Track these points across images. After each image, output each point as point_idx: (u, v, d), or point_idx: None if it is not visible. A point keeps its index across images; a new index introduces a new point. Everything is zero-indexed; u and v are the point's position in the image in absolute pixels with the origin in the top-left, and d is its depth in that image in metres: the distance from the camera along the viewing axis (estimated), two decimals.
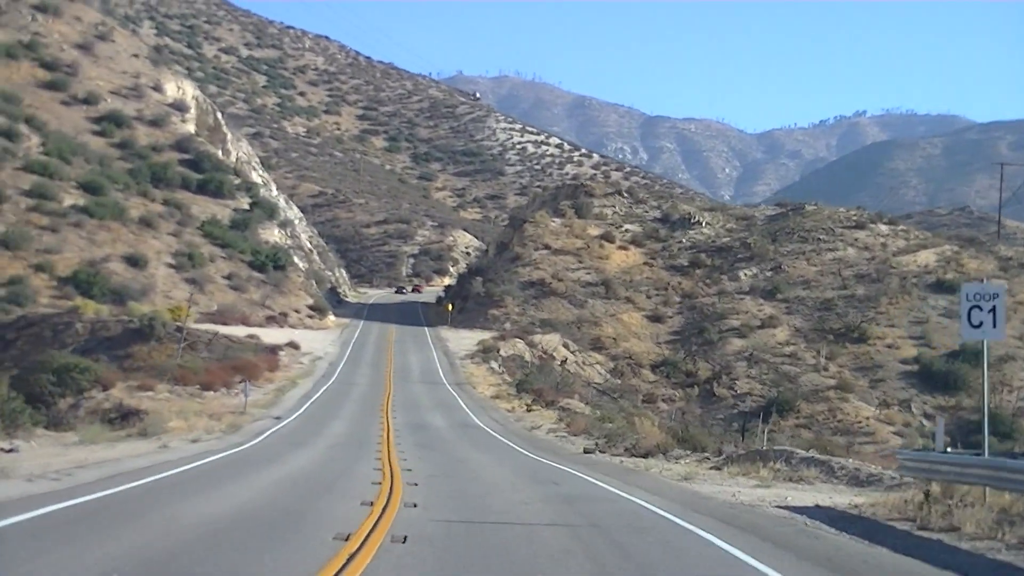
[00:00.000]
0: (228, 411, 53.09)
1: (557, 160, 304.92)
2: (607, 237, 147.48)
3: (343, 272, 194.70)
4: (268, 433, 44.49)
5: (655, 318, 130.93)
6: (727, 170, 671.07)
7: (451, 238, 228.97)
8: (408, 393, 72.98)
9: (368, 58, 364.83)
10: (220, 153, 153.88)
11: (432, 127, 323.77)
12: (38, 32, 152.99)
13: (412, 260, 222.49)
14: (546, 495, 24.20)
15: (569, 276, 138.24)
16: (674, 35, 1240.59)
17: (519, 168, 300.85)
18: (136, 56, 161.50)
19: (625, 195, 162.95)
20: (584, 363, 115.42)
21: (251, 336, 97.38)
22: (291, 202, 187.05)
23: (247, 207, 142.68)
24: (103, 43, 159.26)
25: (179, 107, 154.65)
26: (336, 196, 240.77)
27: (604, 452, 40.30)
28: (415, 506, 20.60)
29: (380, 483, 24.78)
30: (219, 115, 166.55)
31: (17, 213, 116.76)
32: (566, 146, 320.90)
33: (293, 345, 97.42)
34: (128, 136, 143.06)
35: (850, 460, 32.24)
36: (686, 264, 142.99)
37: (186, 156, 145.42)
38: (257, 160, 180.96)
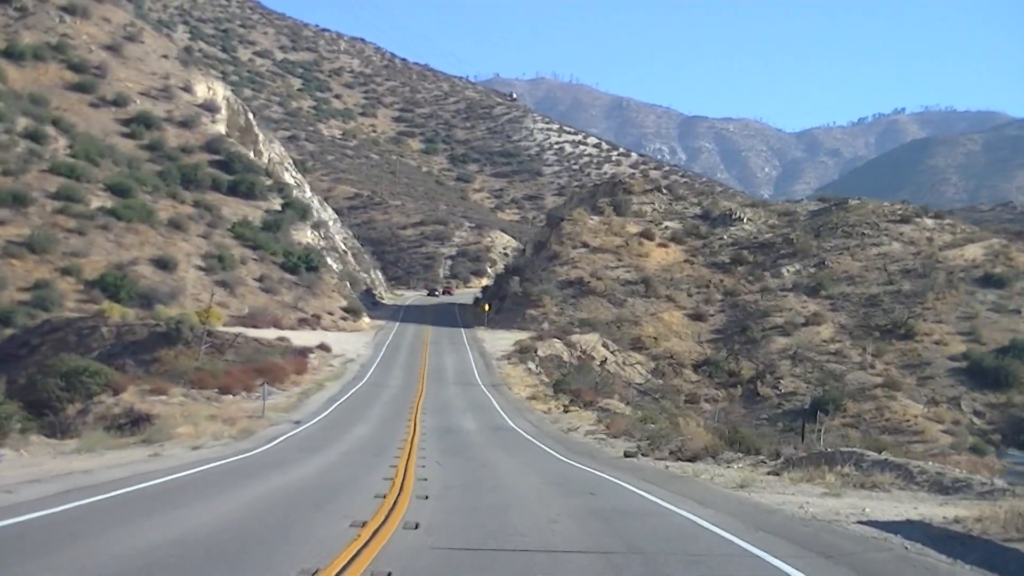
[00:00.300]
0: (245, 415, 49.43)
1: (595, 160, 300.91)
2: (647, 234, 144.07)
3: (379, 274, 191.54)
4: (282, 439, 40.90)
5: (696, 316, 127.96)
6: (766, 169, 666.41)
7: (489, 239, 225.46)
8: (441, 395, 69.59)
9: (404, 60, 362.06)
10: (252, 154, 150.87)
11: (469, 128, 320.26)
12: (66, 34, 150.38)
13: (449, 262, 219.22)
14: (579, 509, 20.40)
15: (608, 274, 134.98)
16: (712, 34, 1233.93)
17: (557, 168, 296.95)
18: (166, 57, 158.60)
19: (664, 192, 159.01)
20: (624, 363, 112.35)
21: (281, 339, 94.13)
22: (325, 204, 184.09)
23: (279, 208, 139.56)
24: (132, 44, 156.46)
25: (209, 108, 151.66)
26: (372, 198, 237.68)
27: (647, 456, 36.36)
28: (416, 527, 17.01)
29: (385, 496, 21.09)
30: (250, 116, 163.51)
31: (43, 216, 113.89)
32: (604, 145, 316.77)
33: (324, 347, 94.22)
34: (158, 138, 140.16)
35: (930, 463, 28.16)
36: (728, 261, 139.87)
37: (217, 157, 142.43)
38: (290, 161, 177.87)
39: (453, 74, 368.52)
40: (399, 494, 21.51)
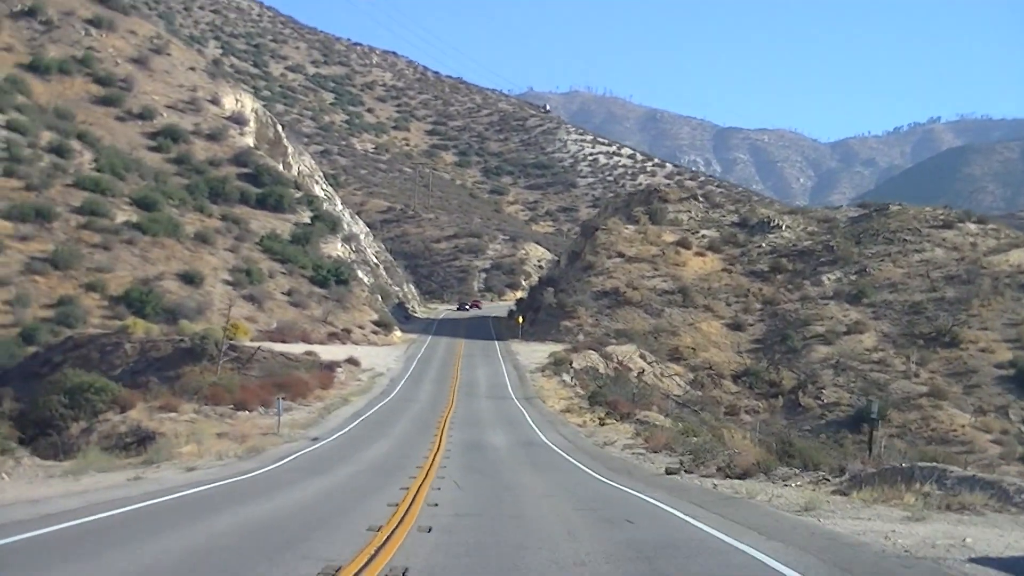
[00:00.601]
0: (259, 432, 45.96)
1: (630, 171, 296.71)
2: (683, 243, 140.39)
3: (412, 288, 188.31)
4: (291, 457, 37.33)
5: (735, 326, 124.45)
6: (801, 180, 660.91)
7: (523, 251, 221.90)
8: (471, 409, 66.17)
9: (436, 73, 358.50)
10: (280, 167, 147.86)
11: (502, 140, 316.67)
12: (92, 47, 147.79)
13: (484, 275, 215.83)
14: (614, 544, 16.54)
15: (644, 284, 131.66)
16: (746, 45, 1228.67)
17: (591, 180, 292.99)
18: (193, 69, 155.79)
19: (701, 200, 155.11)
20: (662, 374, 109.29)
21: (309, 353, 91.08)
22: (357, 217, 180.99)
23: (308, 221, 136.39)
24: (158, 57, 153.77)
25: (238, 120, 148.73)
26: (405, 211, 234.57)
27: (691, 472, 32.49)
28: (404, 574, 13.23)
29: (380, 528, 17.36)
30: (279, 128, 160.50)
31: (67, 231, 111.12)
32: (639, 156, 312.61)
33: (352, 361, 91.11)
34: (185, 151, 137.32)
35: None
36: (766, 269, 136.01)
37: (245, 170, 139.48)
38: (321, 174, 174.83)
39: (486, 86, 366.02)
40: (398, 525, 17.85)
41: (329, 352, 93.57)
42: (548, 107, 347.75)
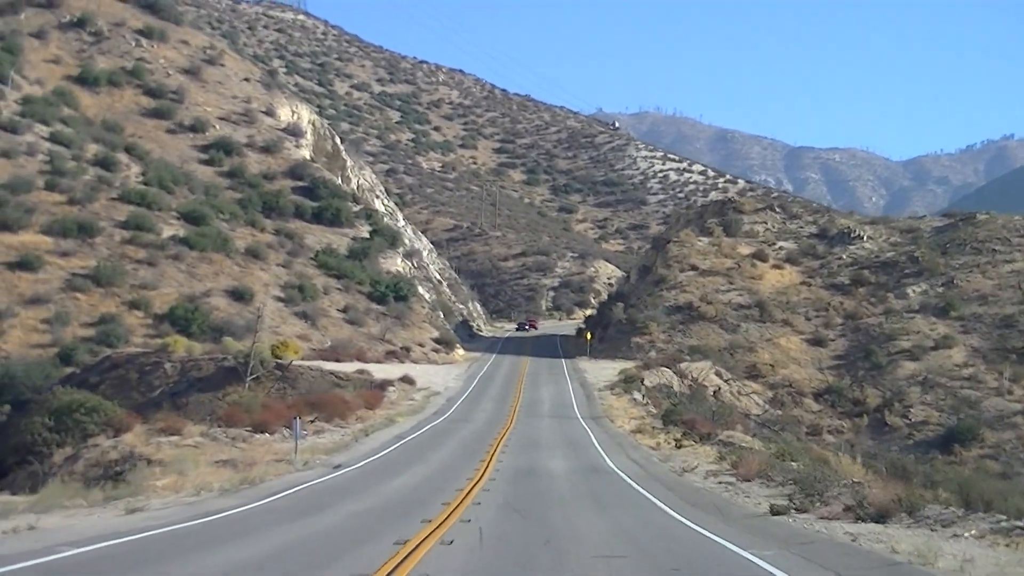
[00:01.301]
0: (271, 458, 38.38)
1: (701, 187, 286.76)
2: (759, 255, 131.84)
3: (477, 306, 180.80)
4: (290, 491, 29.85)
5: (816, 341, 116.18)
6: (873, 199, 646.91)
7: (592, 269, 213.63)
8: (531, 430, 58.64)
9: (504, 91, 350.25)
10: (339, 180, 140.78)
11: (571, 158, 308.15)
12: (142, 58, 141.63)
13: (552, 293, 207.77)
14: None
15: (719, 298, 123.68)
16: (816, 64, 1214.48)
17: (662, 196, 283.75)
18: (247, 80, 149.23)
19: (777, 210, 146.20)
20: (739, 392, 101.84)
21: (361, 371, 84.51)
22: (420, 234, 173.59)
23: (367, 236, 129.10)
24: (211, 67, 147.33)
25: (293, 132, 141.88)
26: (472, 230, 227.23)
27: (805, 512, 24.00)
28: None
29: None
30: (338, 140, 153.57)
31: (111, 246, 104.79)
32: (710, 172, 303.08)
33: (407, 380, 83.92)
34: (238, 164, 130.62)
35: None
36: (847, 282, 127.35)
37: (301, 183, 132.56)
38: (382, 189, 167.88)
39: (554, 104, 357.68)
40: None
41: (383, 371, 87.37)
42: (616, 123, 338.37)
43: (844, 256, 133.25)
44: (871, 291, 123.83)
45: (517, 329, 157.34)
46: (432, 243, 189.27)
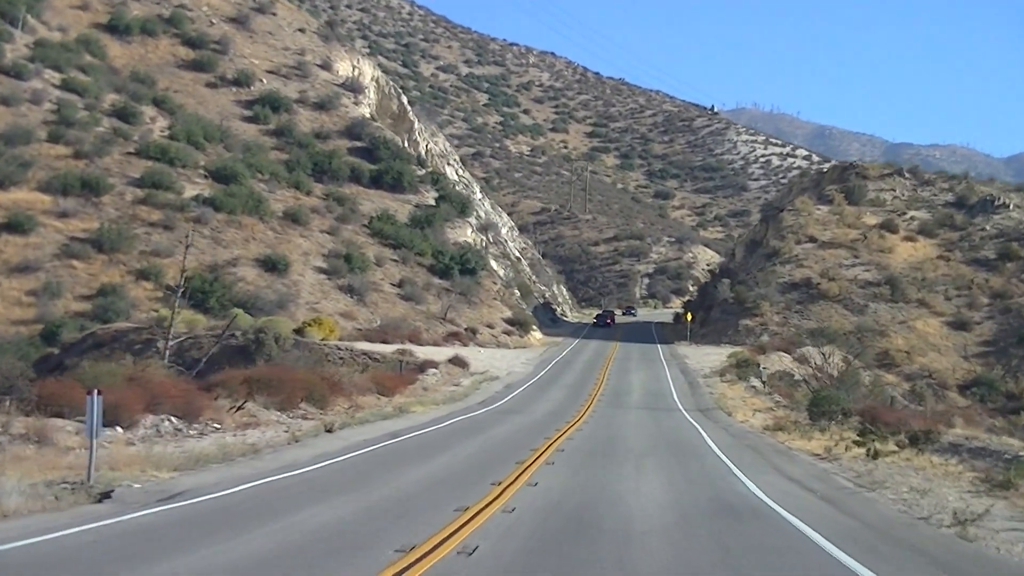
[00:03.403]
0: (48, 474, 18.10)
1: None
2: (888, 226, 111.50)
3: (563, 289, 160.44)
4: None
5: (958, 325, 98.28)
6: None
7: (691, 254, 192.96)
8: (614, 424, 39.22)
9: (597, 74, 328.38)
10: (405, 143, 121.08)
11: (667, 143, 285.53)
12: (182, 4, 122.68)
13: (646, 280, 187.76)
14: None
15: (843, 274, 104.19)
16: (917, 61, 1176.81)
17: (763, 183, 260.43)
18: (302, 31, 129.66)
19: (907, 176, 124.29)
20: (872, 384, 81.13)
21: (402, 352, 65.95)
22: (499, 209, 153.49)
23: (433, 203, 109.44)
24: (261, 16, 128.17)
25: (352, 88, 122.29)
26: (560, 212, 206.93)
27: None
28: None
29: None
30: (405, 100, 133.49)
31: (121, 207, 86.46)
32: (815, 158, 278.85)
33: (458, 362, 65.53)
34: (286, 122, 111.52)
35: None
36: (993, 257, 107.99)
37: (358, 144, 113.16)
38: (456, 158, 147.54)
39: (650, 88, 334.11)
40: None
41: (435, 353, 68.40)
42: (715, 107, 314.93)
43: (988, 227, 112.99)
44: (1022, 267, 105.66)
45: (596, 322, 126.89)
46: (518, 227, 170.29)
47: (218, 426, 26.68)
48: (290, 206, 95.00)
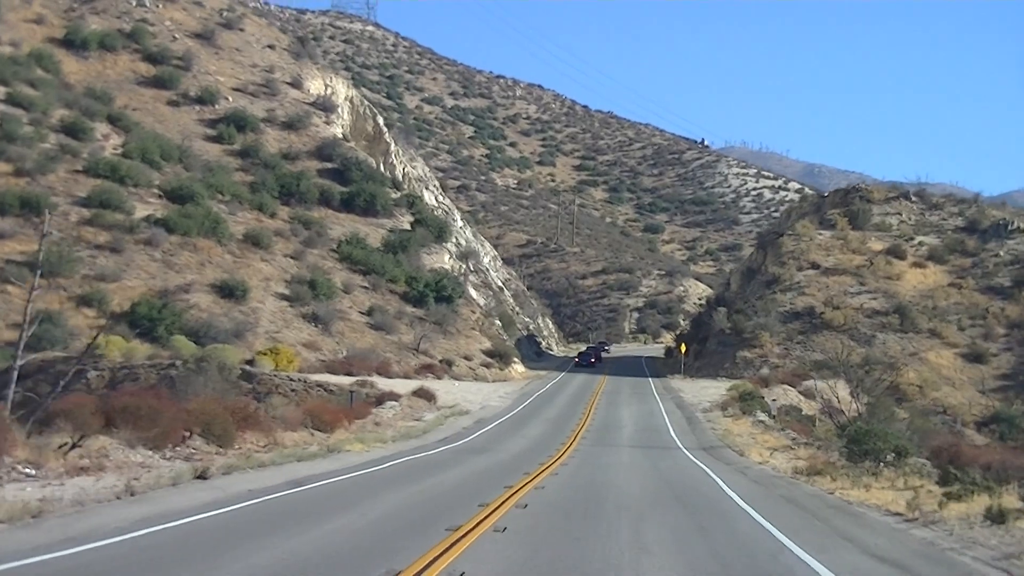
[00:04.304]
0: None
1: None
2: (896, 251, 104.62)
3: (548, 322, 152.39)
4: None
5: (974, 357, 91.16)
6: None
7: (682, 287, 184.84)
8: (600, 467, 31.56)
9: (586, 107, 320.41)
10: (381, 166, 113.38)
11: (657, 175, 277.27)
12: (144, 19, 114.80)
13: (636, 314, 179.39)
14: None
15: (848, 302, 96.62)
16: (904, 99, 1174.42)
17: (755, 216, 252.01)
18: (271, 48, 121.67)
19: (914, 199, 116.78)
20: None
21: (362, 383, 59.78)
22: (482, 237, 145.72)
23: (408, 227, 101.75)
24: (228, 32, 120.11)
25: (324, 107, 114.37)
26: (547, 245, 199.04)
27: None
28: None
29: None
30: (381, 121, 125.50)
31: (64, 227, 77.96)
32: (808, 191, 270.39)
33: (423, 394, 57.82)
34: (252, 141, 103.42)
35: None
36: (1009, 284, 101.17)
37: (329, 165, 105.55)
38: (436, 184, 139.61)
39: (639, 120, 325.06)
40: None
41: (398, 385, 61.14)
42: (705, 140, 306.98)
43: (1002, 253, 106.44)
44: None
45: (578, 361, 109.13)
46: (504, 260, 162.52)
47: (32, 472, 18.54)
48: (252, 228, 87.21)
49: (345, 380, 60.55)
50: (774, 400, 59.28)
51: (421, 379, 71.56)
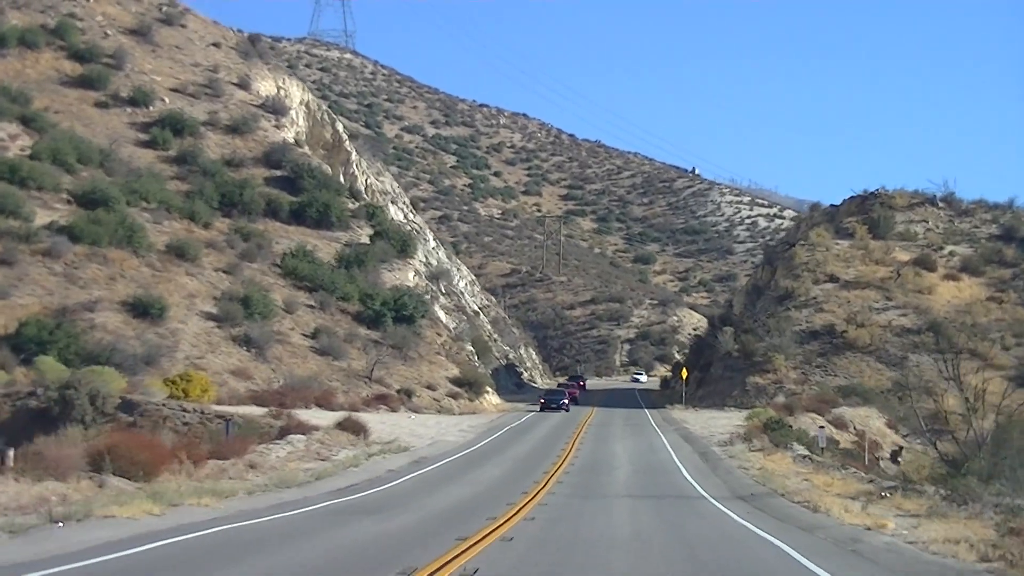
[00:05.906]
0: None
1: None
2: (924, 262, 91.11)
3: (533, 353, 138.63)
4: None
5: (1023, 380, 74.53)
6: None
7: (675, 317, 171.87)
8: (580, 540, 17.72)
9: (572, 135, 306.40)
10: (341, 176, 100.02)
11: (647, 204, 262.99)
12: (72, 14, 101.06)
13: (627, 346, 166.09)
14: None
15: (874, 319, 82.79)
16: (895, 127, 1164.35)
17: (750, 245, 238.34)
18: (216, 46, 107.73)
19: (941, 205, 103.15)
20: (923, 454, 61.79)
21: (277, 414, 47.12)
22: (457, 260, 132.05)
23: (368, 240, 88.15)
24: (167, 29, 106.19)
25: (273, 109, 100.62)
26: (532, 274, 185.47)
27: None
28: None
29: None
30: (340, 128, 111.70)
31: None
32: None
33: (348, 427, 43.94)
34: (190, 146, 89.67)
35: None
36: None
37: (278, 172, 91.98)
38: (407, 201, 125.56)
39: (627, 149, 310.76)
40: None
41: (321, 417, 48.08)
42: (696, 168, 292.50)
43: None
44: None
45: (544, 404, 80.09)
46: (487, 290, 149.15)
47: None
48: (178, 238, 73.42)
49: (255, 411, 46.82)
50: (822, 428, 45.21)
51: (373, 411, 58.57)
